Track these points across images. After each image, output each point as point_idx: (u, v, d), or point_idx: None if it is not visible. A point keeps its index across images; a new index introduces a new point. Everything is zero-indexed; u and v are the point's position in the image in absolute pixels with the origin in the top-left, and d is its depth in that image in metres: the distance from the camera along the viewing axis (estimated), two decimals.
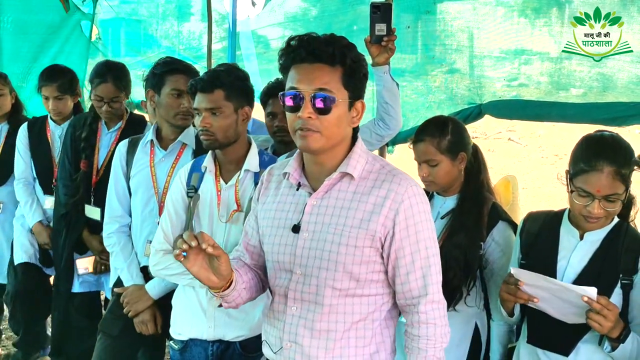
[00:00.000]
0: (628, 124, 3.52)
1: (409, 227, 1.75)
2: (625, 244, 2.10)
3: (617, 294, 2.08)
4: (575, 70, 3.46)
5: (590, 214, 2.06)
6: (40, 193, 3.73)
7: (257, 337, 2.38)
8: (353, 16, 4.22)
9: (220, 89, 2.32)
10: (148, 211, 2.74)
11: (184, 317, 2.47)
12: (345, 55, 1.73)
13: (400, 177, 1.78)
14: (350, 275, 1.75)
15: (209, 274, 1.71)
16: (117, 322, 2.82)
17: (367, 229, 1.73)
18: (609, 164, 2.02)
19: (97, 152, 3.32)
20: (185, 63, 2.86)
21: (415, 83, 4.08)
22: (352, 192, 1.77)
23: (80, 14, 5.22)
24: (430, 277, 1.77)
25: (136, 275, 2.76)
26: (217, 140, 2.33)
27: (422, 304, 1.76)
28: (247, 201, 2.35)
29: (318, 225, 1.78)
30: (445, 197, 2.53)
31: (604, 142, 2.10)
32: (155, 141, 2.77)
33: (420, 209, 1.77)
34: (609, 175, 2.02)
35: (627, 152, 2.08)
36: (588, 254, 2.14)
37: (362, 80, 1.79)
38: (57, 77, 3.65)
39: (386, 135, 2.82)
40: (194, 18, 5.50)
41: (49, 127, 3.75)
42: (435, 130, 2.47)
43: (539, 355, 2.20)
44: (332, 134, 1.75)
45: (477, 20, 3.76)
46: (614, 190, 2.03)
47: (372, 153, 1.87)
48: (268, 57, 4.93)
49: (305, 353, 1.80)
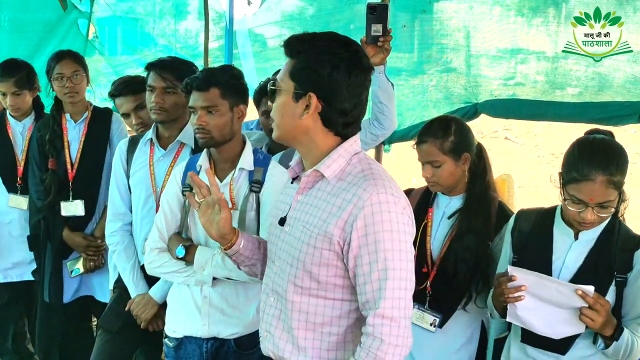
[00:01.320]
0: (624, 124, 3.53)
1: (368, 236, 1.66)
2: (620, 242, 2.11)
3: (611, 291, 2.10)
4: (572, 69, 3.47)
5: (584, 221, 2.06)
6: (4, 191, 3.58)
7: (251, 335, 2.39)
8: (350, 15, 4.22)
9: (216, 87, 2.33)
10: (147, 210, 2.74)
11: (178, 314, 2.47)
12: (296, 47, 1.74)
13: (369, 183, 1.69)
14: (310, 275, 1.73)
15: (213, 226, 1.90)
16: (118, 319, 2.84)
17: (325, 230, 1.70)
18: (602, 174, 1.99)
19: (67, 147, 3.31)
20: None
21: (411, 82, 4.08)
22: (327, 192, 1.74)
23: (78, 12, 5.20)
24: (385, 291, 1.65)
25: (141, 286, 2.75)
26: (213, 138, 2.34)
27: (371, 316, 1.66)
28: (241, 199, 2.36)
29: (295, 220, 1.79)
30: (450, 196, 2.53)
31: (597, 148, 2.07)
32: (155, 140, 2.77)
33: (384, 217, 1.66)
34: (602, 185, 2.00)
35: (620, 159, 2.06)
36: (583, 254, 2.15)
37: (309, 73, 1.71)
38: (14, 72, 3.47)
39: (380, 135, 2.83)
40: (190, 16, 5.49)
41: (8, 123, 3.59)
42: (439, 131, 2.46)
43: (530, 353, 2.21)
44: (278, 122, 1.78)
45: (473, 19, 3.76)
46: (607, 198, 2.02)
47: (364, 156, 1.81)
48: (265, 55, 4.93)
49: (275, 343, 1.82)
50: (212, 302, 2.39)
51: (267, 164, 2.42)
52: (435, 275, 2.45)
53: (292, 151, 2.86)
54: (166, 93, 2.66)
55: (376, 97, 2.70)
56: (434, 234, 2.51)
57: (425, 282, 2.46)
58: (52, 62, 3.32)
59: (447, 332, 2.46)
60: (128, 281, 2.77)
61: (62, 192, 3.29)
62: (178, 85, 2.60)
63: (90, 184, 3.30)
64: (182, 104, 2.66)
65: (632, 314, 2.10)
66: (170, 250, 2.41)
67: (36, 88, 3.60)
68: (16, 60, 3.62)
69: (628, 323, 2.10)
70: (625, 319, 2.11)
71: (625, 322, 2.10)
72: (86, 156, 3.31)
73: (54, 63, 3.31)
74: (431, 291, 2.45)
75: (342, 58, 1.71)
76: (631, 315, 2.10)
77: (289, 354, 1.78)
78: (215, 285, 2.37)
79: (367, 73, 1.77)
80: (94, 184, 3.31)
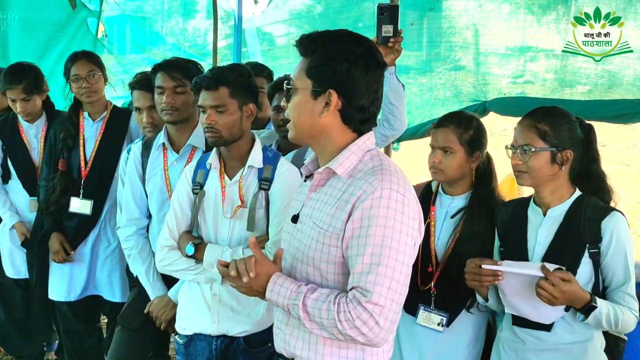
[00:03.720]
0: (634, 121, 3.52)
1: (362, 228, 1.63)
2: (587, 213, 2.17)
3: (586, 263, 2.14)
4: (581, 67, 3.46)
5: (514, 164, 2.21)
6: (26, 196, 3.61)
7: (261, 333, 2.40)
8: (358, 13, 4.23)
9: (225, 87, 2.33)
10: (163, 214, 2.72)
11: (188, 312, 2.48)
12: (310, 45, 1.72)
13: (376, 178, 1.66)
14: (320, 272, 1.73)
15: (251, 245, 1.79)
16: (137, 317, 2.85)
17: (334, 226, 1.69)
18: (528, 119, 2.22)
19: (82, 145, 3.31)
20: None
21: (420, 80, 4.08)
22: (338, 189, 1.73)
23: (87, 11, 5.23)
24: (367, 285, 1.60)
25: (159, 287, 2.76)
26: (222, 137, 2.34)
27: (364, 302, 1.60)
28: (251, 197, 2.36)
29: (307, 217, 1.79)
30: (452, 195, 2.53)
31: (537, 108, 2.30)
32: (168, 144, 2.78)
33: (381, 213, 1.62)
34: (524, 127, 2.20)
35: (554, 116, 2.22)
36: (553, 229, 2.21)
37: (327, 70, 1.69)
38: (21, 78, 3.44)
39: (390, 136, 2.82)
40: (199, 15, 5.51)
41: (21, 126, 3.60)
42: (462, 121, 2.48)
43: (519, 334, 2.25)
44: (295, 122, 1.76)
45: (482, 17, 3.76)
46: (527, 141, 2.17)
47: (377, 152, 1.79)
48: (273, 54, 4.94)
49: (286, 340, 1.82)
50: (222, 299, 2.39)
51: (277, 161, 2.42)
52: (440, 275, 2.45)
53: (304, 150, 2.86)
54: (176, 93, 2.66)
55: (387, 98, 2.69)
56: (438, 234, 2.50)
57: (430, 282, 2.46)
58: (68, 64, 3.31)
59: (453, 331, 2.46)
60: (145, 283, 2.79)
61: (70, 191, 3.29)
62: (187, 84, 2.61)
63: (102, 183, 3.31)
64: (192, 103, 2.67)
65: (614, 284, 2.15)
66: (181, 248, 2.42)
67: (45, 90, 3.58)
68: (22, 65, 3.58)
69: (613, 293, 2.15)
70: (609, 290, 2.16)
71: (610, 293, 2.15)
72: (101, 155, 3.31)
73: (70, 64, 3.30)
74: (436, 291, 2.45)
75: (358, 54, 1.71)
76: (613, 285, 2.15)
77: (300, 350, 1.79)
78: (224, 283, 2.37)
79: (382, 69, 1.77)
80: (105, 184, 3.31)
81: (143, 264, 2.79)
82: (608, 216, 2.14)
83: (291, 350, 1.81)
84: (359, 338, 1.63)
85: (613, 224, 2.13)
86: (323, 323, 1.65)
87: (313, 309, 1.66)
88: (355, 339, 1.64)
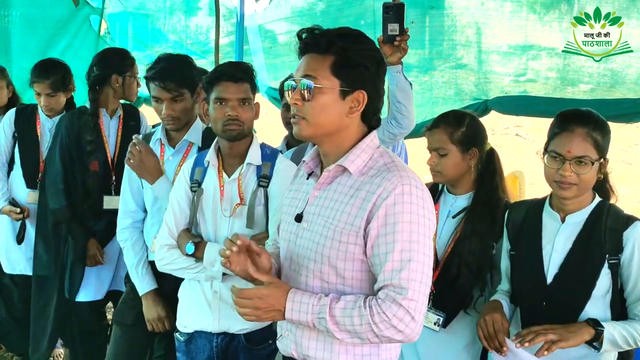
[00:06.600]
0: (636, 121, 3.50)
1: (387, 225, 1.64)
2: (608, 223, 2.09)
3: (605, 274, 2.09)
4: (584, 66, 3.44)
5: (563, 177, 2.05)
6: (24, 187, 3.62)
7: (261, 330, 2.40)
8: (360, 10, 4.22)
9: (247, 82, 2.37)
10: (157, 208, 2.75)
11: (189, 309, 2.49)
12: (333, 43, 1.69)
13: (395, 174, 1.68)
14: (336, 270, 1.72)
15: (252, 271, 1.75)
16: (131, 312, 2.85)
17: (352, 224, 1.69)
18: (581, 126, 2.04)
19: (106, 142, 3.34)
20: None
21: (422, 78, 4.06)
22: (349, 187, 1.73)
23: (90, 9, 5.23)
24: (400, 282, 1.62)
25: (147, 281, 2.75)
26: (244, 130, 2.36)
27: (400, 300, 1.61)
28: (250, 194, 2.36)
29: (315, 216, 1.77)
30: (455, 195, 2.52)
31: (579, 110, 2.16)
32: (164, 139, 2.78)
33: (405, 208, 1.64)
34: (579, 136, 2.03)
35: (599, 121, 2.10)
36: (572, 237, 2.13)
37: (358, 70, 1.70)
38: (50, 74, 3.53)
39: (398, 134, 2.82)
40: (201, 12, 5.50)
41: (39, 118, 3.63)
42: (452, 120, 2.48)
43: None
44: (319, 121, 1.72)
45: (484, 15, 3.74)
46: (584, 152, 2.03)
47: (384, 149, 1.80)
48: (275, 51, 4.93)
49: (297, 342, 1.80)
50: (223, 297, 2.40)
51: (275, 158, 2.43)
52: (439, 275, 2.45)
53: (304, 147, 2.87)
54: (174, 102, 2.65)
55: (394, 97, 2.69)
56: (439, 233, 2.49)
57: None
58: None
59: (451, 332, 2.45)
60: (134, 277, 2.79)
61: (105, 186, 3.31)
62: (184, 92, 2.63)
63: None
64: (190, 107, 2.68)
65: (634, 297, 2.09)
66: (180, 246, 2.42)
67: (71, 89, 3.65)
68: (53, 61, 3.66)
69: (633, 307, 2.09)
70: (629, 302, 2.10)
71: (631, 306, 2.10)
72: (124, 151, 3.30)
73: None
74: (434, 290, 2.43)
75: (379, 54, 1.75)
76: (633, 297, 2.09)
77: (314, 350, 1.77)
78: (225, 281, 2.37)
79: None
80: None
81: (135, 257, 2.78)
82: (630, 227, 2.07)
83: (304, 352, 1.79)
84: (396, 337, 1.63)
85: (636, 235, 2.06)
86: (356, 330, 1.64)
87: (343, 317, 1.65)
88: (392, 339, 1.64)
